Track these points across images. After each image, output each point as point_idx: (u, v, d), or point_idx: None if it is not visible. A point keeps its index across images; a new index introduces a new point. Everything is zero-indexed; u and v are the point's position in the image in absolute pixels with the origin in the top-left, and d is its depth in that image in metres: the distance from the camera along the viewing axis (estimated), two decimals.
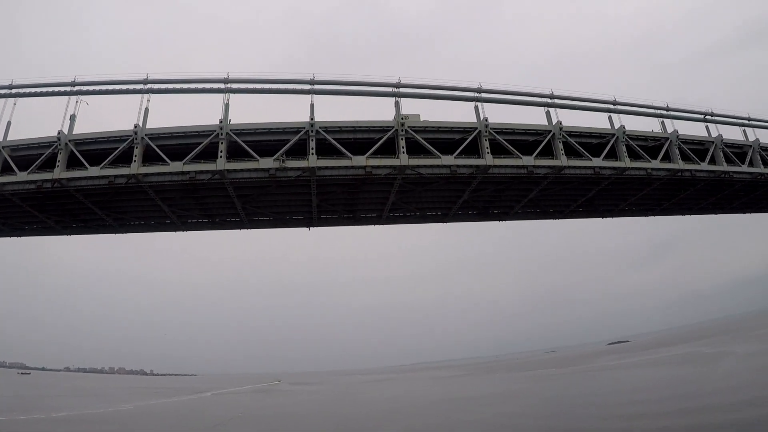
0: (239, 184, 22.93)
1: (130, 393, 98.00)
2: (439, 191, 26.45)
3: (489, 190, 26.63)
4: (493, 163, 22.79)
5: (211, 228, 28.13)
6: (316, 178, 22.30)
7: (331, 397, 78.35)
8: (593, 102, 26.78)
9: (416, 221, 29.80)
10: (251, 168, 21.50)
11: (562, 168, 24.19)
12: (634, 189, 29.51)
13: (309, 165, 21.29)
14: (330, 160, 21.73)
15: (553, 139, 24.57)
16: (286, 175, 21.90)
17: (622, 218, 34.35)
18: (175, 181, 22.07)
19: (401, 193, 25.54)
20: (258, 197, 25.18)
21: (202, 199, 25.49)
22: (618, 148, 25.86)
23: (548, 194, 28.37)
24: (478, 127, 23.38)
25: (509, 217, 30.35)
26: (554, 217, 31.47)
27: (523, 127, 24.73)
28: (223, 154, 21.37)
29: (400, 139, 22.27)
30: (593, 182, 27.19)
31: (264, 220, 27.99)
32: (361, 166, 21.72)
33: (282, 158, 21.21)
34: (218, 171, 21.30)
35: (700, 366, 62.38)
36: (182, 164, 21.36)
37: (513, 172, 23.98)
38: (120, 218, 27.14)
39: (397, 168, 22.15)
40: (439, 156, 22.38)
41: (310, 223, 28.03)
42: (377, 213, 28.19)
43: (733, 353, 73.44)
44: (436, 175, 23.14)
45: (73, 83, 23.24)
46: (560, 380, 74.54)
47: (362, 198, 26.47)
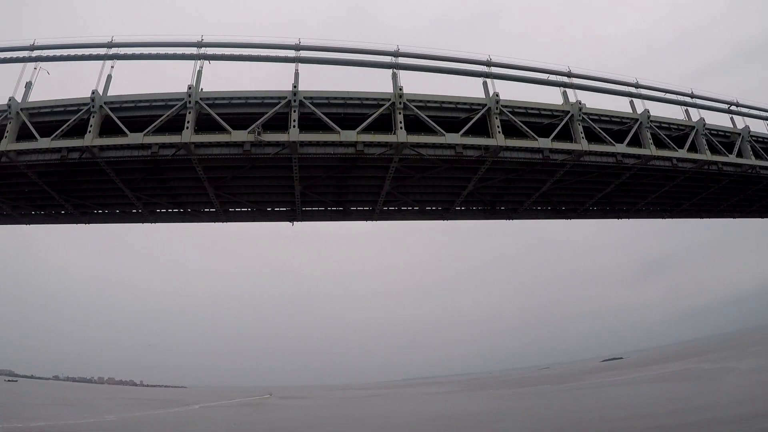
0: (209, 163, 19.42)
1: (116, 404, 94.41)
2: (441, 179, 22.88)
3: (498, 179, 23.06)
4: (504, 144, 19.27)
5: (183, 219, 24.38)
6: (298, 157, 18.75)
7: (321, 412, 74.82)
8: (614, 83, 23.47)
9: (414, 217, 26.17)
10: (222, 141, 17.91)
11: (582, 154, 20.72)
12: (654, 185, 26.10)
13: (290, 139, 17.70)
14: (315, 134, 18.13)
15: (571, 122, 21.16)
16: (263, 151, 18.32)
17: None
18: (135, 157, 18.53)
19: (398, 180, 21.96)
20: (232, 181, 21.54)
21: (169, 183, 21.87)
22: (642, 135, 22.57)
23: (562, 188, 24.87)
24: (488, 104, 19.94)
25: (518, 215, 26.76)
26: (567, 216, 27.90)
27: (537, 106, 21.30)
28: (191, 125, 17.86)
29: (398, 113, 18.77)
30: (613, 174, 23.79)
31: (241, 212, 24.30)
32: (351, 142, 18.15)
33: (258, 130, 17.60)
34: (183, 144, 17.74)
35: (703, 382, 60.47)
36: (142, 135, 17.84)
37: (526, 157, 20.50)
38: (80, 204, 23.42)
39: (393, 146, 18.60)
40: (442, 134, 18.84)
41: (293, 216, 24.31)
42: (370, 206, 24.55)
43: (735, 369, 71.24)
44: (438, 157, 19.58)
45: (32, 47, 20.02)
46: (556, 397, 71.12)
47: (353, 186, 22.85)
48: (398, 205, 24.94)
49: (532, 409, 53.68)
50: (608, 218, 29.28)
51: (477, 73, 20.94)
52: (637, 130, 22.38)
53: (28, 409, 65.82)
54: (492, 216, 26.59)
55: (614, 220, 29.84)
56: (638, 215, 29.87)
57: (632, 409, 39.31)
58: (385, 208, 24.75)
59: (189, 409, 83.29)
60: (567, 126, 21.09)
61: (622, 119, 22.95)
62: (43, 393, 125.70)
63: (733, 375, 63.95)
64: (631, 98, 23.83)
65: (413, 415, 57.44)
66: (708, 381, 61.18)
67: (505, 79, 21.26)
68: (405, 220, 26.38)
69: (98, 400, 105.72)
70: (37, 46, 20.03)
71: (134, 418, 60.89)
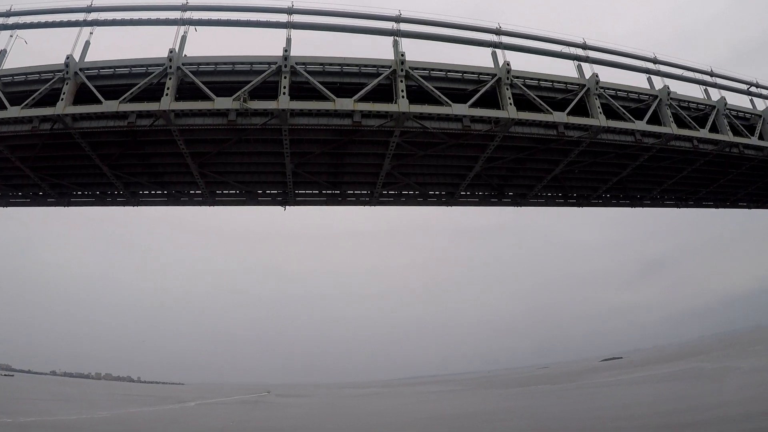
0: (191, 135, 17.58)
1: (111, 400, 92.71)
2: (445, 158, 20.92)
3: (507, 159, 21.12)
4: (517, 116, 17.34)
5: (167, 203, 22.43)
6: (288, 128, 16.85)
7: (320, 410, 72.77)
8: (631, 57, 21.61)
9: (416, 203, 24.23)
10: (204, 109, 16.03)
11: (600, 130, 18.85)
12: (672, 169, 24.17)
13: (279, 107, 15.80)
14: (307, 102, 16.22)
15: (587, 96, 19.30)
16: (249, 122, 16.45)
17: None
18: (111, 128, 16.70)
19: (398, 159, 20.04)
20: (218, 158, 19.62)
21: (150, 159, 19.96)
22: (662, 113, 20.75)
23: (576, 170, 22.95)
24: (498, 74, 18.07)
25: (526, 202, 24.82)
26: (578, 203, 25.91)
27: (551, 78, 19.41)
28: (171, 92, 16.03)
29: (399, 81, 16.87)
30: (631, 155, 21.91)
31: (229, 195, 22.36)
32: (347, 111, 16.25)
33: (244, 96, 15.70)
34: (162, 113, 15.87)
35: (706, 381, 59.14)
36: (117, 103, 16.02)
37: (540, 133, 18.60)
38: (57, 184, 21.53)
39: (394, 117, 16.70)
40: (449, 104, 16.94)
41: (285, 199, 22.38)
42: (368, 189, 22.62)
43: (737, 368, 69.78)
44: (443, 130, 17.67)
45: (8, 13, 18.45)
46: (559, 397, 69.26)
47: (349, 165, 20.91)
48: (399, 188, 23.00)
49: (536, 408, 51.81)
50: (621, 206, 27.37)
51: (486, 43, 19.09)
52: (656, 108, 20.62)
53: (20, 404, 64.04)
54: (499, 202, 24.67)
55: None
56: (653, 204, 27.93)
57: (639, 407, 37.93)
58: (384, 192, 22.85)
59: (184, 406, 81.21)
60: (582, 101, 19.28)
61: (640, 96, 21.19)
62: (39, 388, 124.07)
63: (737, 374, 62.64)
64: (648, 75, 22.05)
65: (415, 415, 55.33)
66: (712, 380, 59.92)
67: (515, 50, 19.44)
68: (406, 206, 24.38)
69: (93, 396, 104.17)
70: (12, 12, 18.45)
71: (127, 414, 59.12)
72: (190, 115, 16.50)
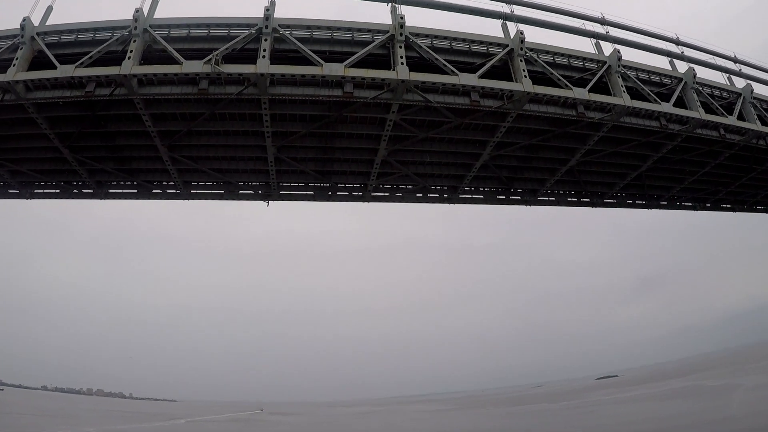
0: (158, 109, 15.14)
1: (100, 416, 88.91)
2: (449, 143, 18.30)
3: (519, 146, 18.54)
4: (533, 90, 14.91)
5: (137, 195, 19.71)
6: (268, 99, 14.32)
7: (313, 429, 68.93)
8: (652, 37, 19.45)
9: (414, 199, 21.61)
10: (171, 74, 13.51)
11: (624, 111, 16.46)
12: (693, 163, 21.81)
13: (257, 71, 13.27)
14: (290, 67, 13.73)
15: (608, 75, 16.99)
16: (223, 91, 13.96)
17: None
18: (67, 98, 14.24)
19: (396, 142, 17.46)
20: (189, 138, 16.97)
21: (114, 140, 17.29)
22: (687, 97, 18.53)
23: (592, 162, 20.45)
24: (510, 45, 15.71)
25: (536, 200, 22.20)
26: (592, 202, 23.27)
27: (567, 52, 17.08)
28: (134, 56, 13.56)
29: (398, 47, 14.44)
30: (653, 145, 19.56)
31: (205, 187, 19.71)
32: (337, 77, 13.77)
33: (217, 58, 13.20)
34: (123, 78, 13.38)
35: (710, 398, 56.61)
36: (74, 68, 13.60)
37: (557, 113, 16.19)
38: (17, 172, 18.82)
39: (392, 87, 14.22)
40: (455, 73, 14.50)
41: (267, 192, 19.72)
42: (361, 181, 20.02)
43: (741, 385, 67.11)
44: (449, 105, 15.19)
45: None
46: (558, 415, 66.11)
47: (339, 150, 18.25)
48: (395, 180, 20.36)
49: (535, 427, 48.98)
50: (636, 207, 24.83)
51: (495, 14, 16.79)
52: (681, 93, 18.35)
53: (5, 419, 62.07)
54: (507, 200, 22.03)
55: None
56: (670, 205, 25.46)
57: (642, 424, 36.37)
58: (380, 185, 20.26)
59: (174, 423, 77.82)
60: (602, 81, 16.95)
61: (662, 79, 19.07)
62: (28, 403, 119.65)
63: (741, 390, 60.03)
64: (670, 58, 19.87)
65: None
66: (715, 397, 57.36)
67: (528, 23, 17.06)
68: (403, 202, 21.79)
69: (82, 412, 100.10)
70: None
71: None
72: (156, 83, 14.06)
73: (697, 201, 26.09)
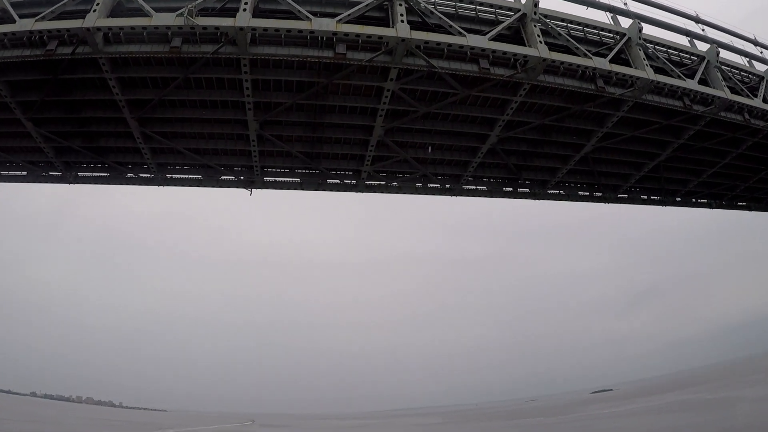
0: (126, 73, 13.31)
1: (85, 423, 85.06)
2: (453, 121, 16.42)
3: (530, 126, 16.67)
4: (549, 56, 13.19)
5: (109, 180, 17.76)
6: (249, 60, 12.47)
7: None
8: (671, 12, 17.90)
9: (413, 190, 19.79)
10: (139, 26, 11.65)
11: (647, 87, 14.81)
12: (714, 153, 20.25)
13: (236, 24, 11.45)
14: (273, 21, 11.94)
15: (628, 48, 15.40)
16: (198, 50, 12.11)
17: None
18: (27, 57, 12.45)
19: (394, 119, 15.61)
20: (162, 111, 15.04)
21: (80, 111, 15.23)
22: (711, 77, 17.05)
23: (607, 149, 18.73)
24: (522, 9, 13.98)
25: (545, 193, 20.37)
26: (605, 197, 21.31)
27: (583, 21, 15.45)
28: (100, 9, 11.75)
29: (398, 4, 12.68)
30: (674, 130, 17.98)
31: (182, 170, 17.79)
32: (327, 33, 11.92)
33: (191, 9, 11.37)
34: (86, 32, 11.54)
35: (710, 411, 53.93)
36: (33, 21, 11.84)
37: (575, 86, 14.48)
38: None
39: (390, 47, 12.38)
40: (462, 34, 12.74)
41: (250, 179, 17.79)
42: (354, 168, 18.12)
43: (743, 398, 64.58)
44: (455, 73, 13.38)
45: None
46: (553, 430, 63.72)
47: (330, 127, 16.26)
48: (392, 167, 18.48)
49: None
50: (651, 203, 23.06)
51: None
52: (704, 73, 16.78)
53: None
54: (514, 192, 20.19)
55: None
56: (684, 201, 23.67)
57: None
58: (375, 172, 18.35)
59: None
60: (622, 55, 15.30)
61: (682, 58, 17.65)
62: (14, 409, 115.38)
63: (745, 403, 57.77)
64: (689, 37, 18.31)
65: None
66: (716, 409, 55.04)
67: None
68: (401, 193, 19.97)
69: (68, 419, 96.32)
70: None
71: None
72: (123, 40, 12.30)
73: (713, 197, 24.44)
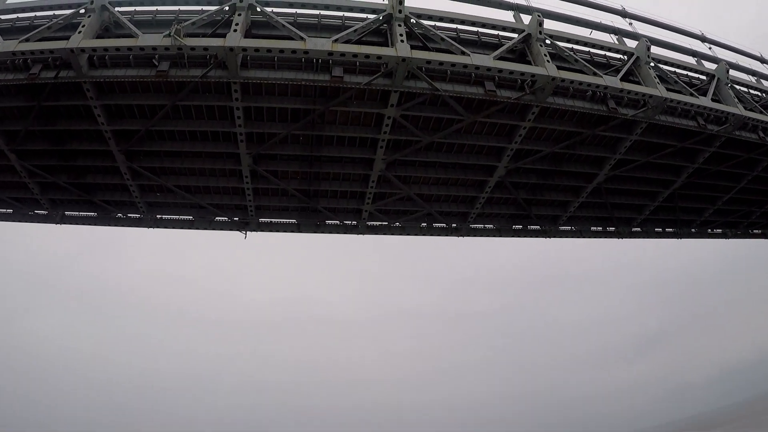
0: (112, 100, 12.56)
1: None
2: (458, 152, 15.49)
3: (540, 155, 15.62)
4: (558, 75, 12.39)
5: (97, 220, 16.98)
6: (241, 83, 11.64)
7: None
8: (676, 32, 17.53)
9: (417, 231, 18.76)
10: (124, 46, 10.86)
11: (660, 105, 13.97)
12: (729, 177, 19.25)
13: (226, 44, 10.66)
14: (265, 41, 11.17)
15: (637, 68, 14.68)
16: (186, 74, 11.38)
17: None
18: (9, 81, 11.85)
19: (395, 151, 14.65)
20: (150, 143, 14.08)
21: (65, 142, 14.25)
22: (722, 95, 16.18)
23: (621, 177, 17.67)
24: (527, 30, 13.33)
25: (556, 229, 19.37)
26: (618, 232, 20.19)
27: (589, 41, 14.84)
28: (85, 30, 11.17)
29: (397, 25, 11.97)
30: (688, 154, 17.19)
31: (174, 207, 16.85)
32: (323, 54, 11.09)
33: (179, 28, 10.61)
34: (70, 54, 10.83)
35: None
36: (17, 42, 11.20)
37: (586, 108, 13.75)
38: None
39: (390, 67, 11.54)
40: (466, 53, 11.99)
41: (244, 220, 16.74)
42: (354, 207, 17.05)
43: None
44: (459, 96, 12.62)
45: None
46: None
47: (328, 161, 15.26)
48: (395, 205, 17.38)
49: None
50: (666, 237, 21.97)
51: (506, 4, 14.62)
52: (715, 91, 16.05)
53: None
54: (524, 230, 19.20)
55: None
56: (700, 233, 22.64)
57: None
58: (376, 210, 17.22)
59: None
60: (631, 74, 14.62)
61: (691, 78, 17.03)
62: None
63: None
64: (696, 58, 17.80)
65: None
66: None
67: (545, 16, 14.74)
68: (404, 235, 18.87)
69: None
70: None
71: None
72: (109, 64, 11.67)
73: (729, 226, 23.43)
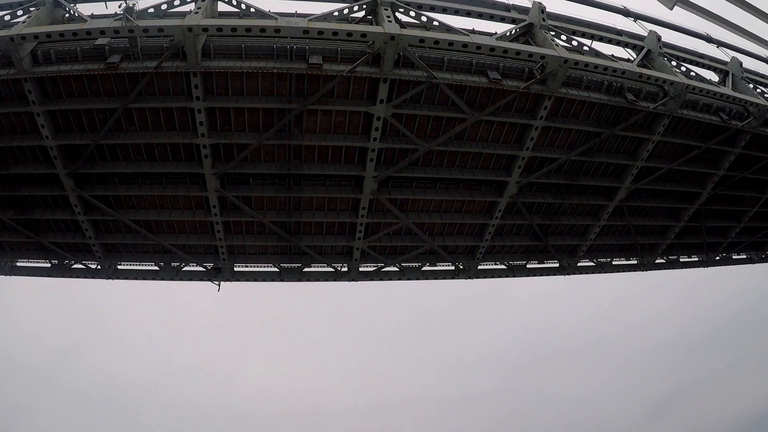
0: (57, 105, 10.78)
1: None
2: (461, 167, 13.43)
3: (556, 164, 13.51)
4: (570, 56, 10.75)
5: (50, 271, 14.59)
6: (202, 74, 9.77)
7: None
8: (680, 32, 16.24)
9: (418, 275, 16.18)
10: (70, 31, 9.21)
11: (682, 93, 12.38)
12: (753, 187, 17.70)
13: (185, 24, 8.87)
14: (230, 19, 9.53)
15: (650, 60, 13.39)
16: (140, 66, 9.66)
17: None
18: None
19: (388, 164, 12.56)
20: (102, 165, 11.83)
21: (7, 165, 11.97)
22: (740, 88, 14.85)
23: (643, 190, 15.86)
24: (529, 19, 11.89)
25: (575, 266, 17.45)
26: (641, 263, 18.42)
27: (598, 28, 13.55)
28: (30, 21, 9.74)
29: (383, 9, 10.39)
30: (712, 158, 15.55)
31: (135, 255, 14.35)
32: (296, 31, 9.29)
33: (130, 6, 8.97)
34: (9, 43, 9.19)
35: None
36: None
37: (603, 99, 12.14)
38: None
39: (377, 47, 9.71)
40: (464, 33, 10.37)
41: (216, 266, 14.27)
42: (343, 244, 14.55)
43: None
44: (460, 84, 10.84)
45: None
46: None
47: (309, 182, 13.02)
48: (391, 240, 14.89)
49: None
50: (692, 266, 19.92)
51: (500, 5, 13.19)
52: (732, 86, 14.92)
53: None
54: (539, 268, 17.17)
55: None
56: (726, 259, 20.61)
57: None
58: (369, 250, 14.63)
59: None
60: (643, 66, 13.26)
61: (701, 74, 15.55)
62: None
63: None
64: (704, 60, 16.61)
65: None
66: None
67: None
68: (403, 280, 16.19)
69: None
70: None
71: None
72: (54, 60, 10.03)
73: (754, 248, 21.37)
